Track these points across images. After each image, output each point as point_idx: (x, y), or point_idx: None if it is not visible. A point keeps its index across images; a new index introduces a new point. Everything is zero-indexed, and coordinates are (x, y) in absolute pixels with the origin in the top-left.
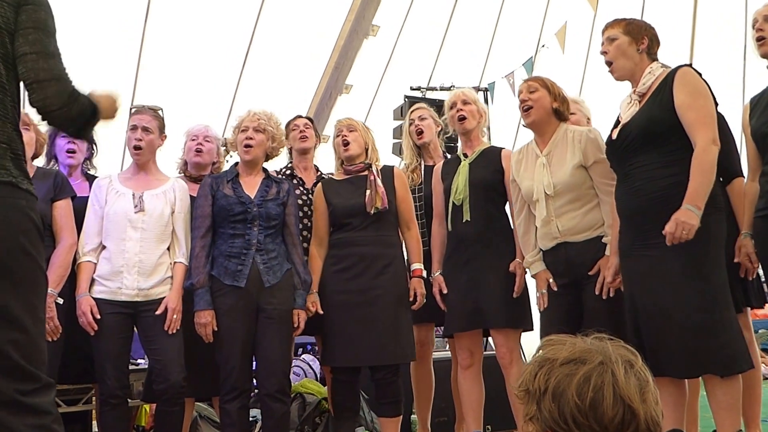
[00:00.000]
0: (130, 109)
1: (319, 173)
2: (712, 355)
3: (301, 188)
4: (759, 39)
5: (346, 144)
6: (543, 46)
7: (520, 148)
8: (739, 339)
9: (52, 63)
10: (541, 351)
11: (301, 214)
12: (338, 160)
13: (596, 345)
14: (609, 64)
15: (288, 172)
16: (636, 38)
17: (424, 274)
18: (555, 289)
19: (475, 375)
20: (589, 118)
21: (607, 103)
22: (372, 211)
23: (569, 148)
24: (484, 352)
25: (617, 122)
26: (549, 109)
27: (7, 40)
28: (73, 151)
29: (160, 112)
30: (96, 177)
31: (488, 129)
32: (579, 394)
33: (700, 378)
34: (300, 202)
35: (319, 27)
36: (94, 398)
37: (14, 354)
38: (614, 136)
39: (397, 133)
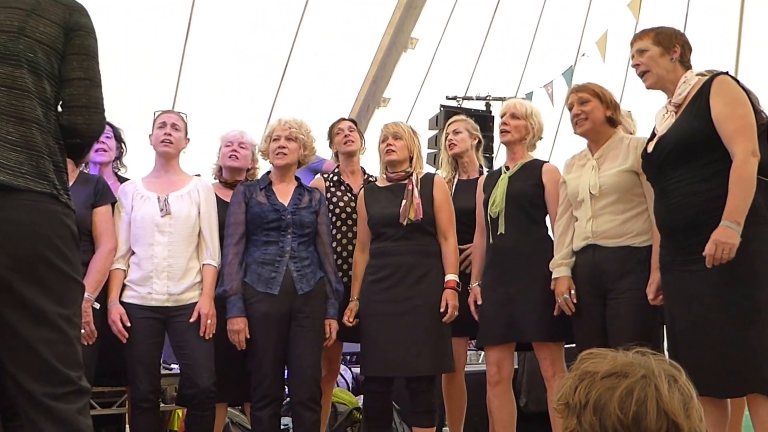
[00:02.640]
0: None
1: (366, 176)
2: (758, 374)
3: (349, 195)
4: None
5: (389, 151)
6: (583, 54)
7: (575, 154)
8: None
9: (99, 93)
10: (581, 364)
11: (350, 222)
12: (382, 165)
13: (638, 359)
14: (642, 73)
15: (335, 178)
16: (667, 48)
17: (459, 286)
18: (575, 301)
19: (504, 392)
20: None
21: (648, 114)
22: (405, 222)
23: (622, 153)
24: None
25: (653, 134)
26: (602, 119)
27: (53, 59)
28: (104, 150)
29: (183, 116)
30: (126, 179)
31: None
32: (621, 408)
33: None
34: (349, 209)
35: (357, 40)
36: (128, 401)
37: (45, 352)
38: (650, 149)
39: (432, 142)
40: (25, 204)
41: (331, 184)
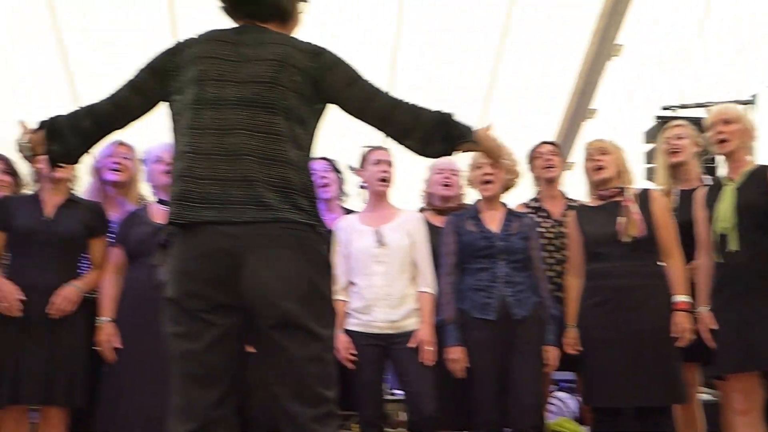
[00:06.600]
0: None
1: (566, 201)
2: None
3: (549, 220)
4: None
5: (598, 168)
6: None
7: None
8: None
9: (386, 97)
10: None
11: (552, 247)
12: (590, 184)
13: None
14: None
15: (534, 204)
16: None
17: (692, 308)
18: None
19: (754, 421)
20: None
21: None
22: (626, 240)
23: None
24: None
25: None
26: None
27: (302, 105)
28: (326, 185)
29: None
30: (351, 210)
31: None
32: None
33: None
34: (551, 234)
35: (560, 52)
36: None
37: (310, 373)
38: None
39: (650, 157)
40: (290, 232)
41: (530, 210)
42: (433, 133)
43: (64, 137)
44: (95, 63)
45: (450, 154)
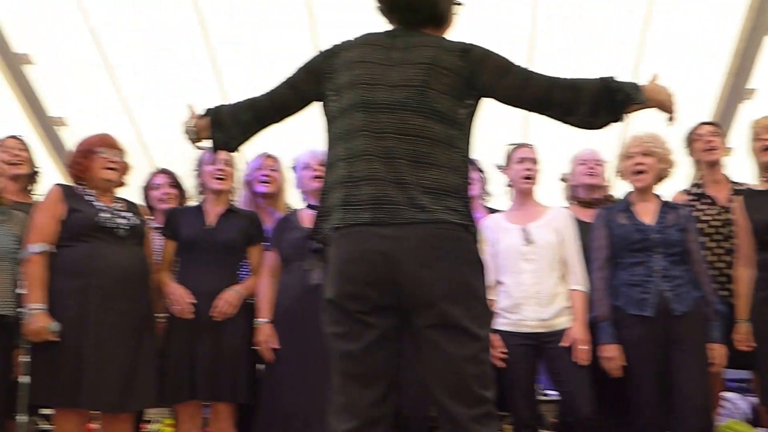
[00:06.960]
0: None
1: (732, 185)
2: None
3: (715, 207)
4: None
5: (767, 149)
6: None
7: None
8: None
9: (543, 77)
10: None
11: (719, 236)
12: (758, 167)
13: None
14: None
15: (696, 190)
16: None
17: None
18: None
19: None
20: None
21: None
22: None
23: None
24: None
25: None
26: None
27: (454, 106)
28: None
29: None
30: (494, 210)
31: None
32: None
33: None
34: (717, 222)
35: (713, 29)
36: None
37: (469, 373)
38: None
39: None
40: (445, 233)
41: (693, 197)
42: (597, 103)
43: (226, 126)
44: (241, 65)
45: (621, 120)
